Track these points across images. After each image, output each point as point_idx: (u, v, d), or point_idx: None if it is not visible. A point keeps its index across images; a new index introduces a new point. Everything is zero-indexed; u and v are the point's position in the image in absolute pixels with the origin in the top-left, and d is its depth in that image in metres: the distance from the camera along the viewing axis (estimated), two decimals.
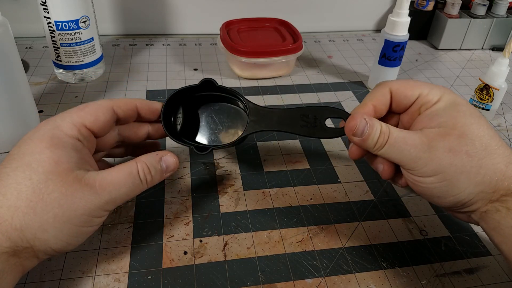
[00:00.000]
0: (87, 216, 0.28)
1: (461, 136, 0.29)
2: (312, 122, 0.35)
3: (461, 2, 0.71)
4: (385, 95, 0.34)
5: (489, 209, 0.29)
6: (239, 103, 0.40)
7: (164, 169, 0.32)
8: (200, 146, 0.36)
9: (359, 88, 0.61)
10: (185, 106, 0.40)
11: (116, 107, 0.33)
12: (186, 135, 0.39)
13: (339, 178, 0.43)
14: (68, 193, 0.27)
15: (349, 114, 0.34)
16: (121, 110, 0.34)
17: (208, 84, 0.38)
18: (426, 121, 0.31)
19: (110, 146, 0.36)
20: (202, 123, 0.40)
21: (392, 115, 0.35)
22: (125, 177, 0.29)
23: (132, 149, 0.39)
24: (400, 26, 0.54)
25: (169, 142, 0.47)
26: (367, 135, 0.31)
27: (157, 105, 0.36)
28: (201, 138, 0.40)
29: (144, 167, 0.31)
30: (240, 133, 0.38)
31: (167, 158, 0.32)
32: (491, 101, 0.52)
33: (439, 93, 0.32)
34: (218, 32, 0.63)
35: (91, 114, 0.31)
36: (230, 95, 0.40)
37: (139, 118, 0.36)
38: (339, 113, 0.35)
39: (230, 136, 0.40)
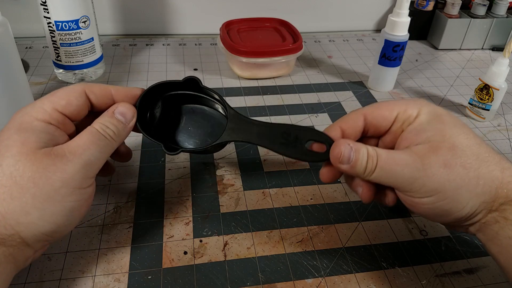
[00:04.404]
0: (66, 188, 0.27)
1: (452, 149, 0.28)
2: (292, 141, 0.33)
3: (461, 2, 0.71)
4: (357, 119, 0.32)
5: (488, 220, 0.28)
6: (221, 107, 0.38)
7: (122, 119, 0.32)
8: (170, 146, 0.34)
9: (359, 88, 0.61)
10: (165, 102, 0.38)
11: (88, 91, 0.32)
12: (160, 133, 0.37)
13: (339, 178, 0.43)
14: (40, 170, 0.26)
15: (332, 140, 0.31)
16: (94, 95, 0.32)
17: (192, 82, 0.36)
18: (411, 137, 0.30)
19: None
20: (180, 123, 0.38)
21: (369, 139, 0.34)
22: (89, 138, 0.29)
23: None
24: (400, 26, 0.54)
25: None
26: (355, 160, 0.29)
27: (136, 91, 0.34)
28: (175, 139, 0.38)
29: (101, 125, 0.30)
30: (216, 139, 0.35)
31: (119, 109, 0.32)
32: (491, 101, 0.52)
33: (417, 106, 0.31)
34: (218, 32, 0.63)
35: (62, 98, 0.30)
36: (213, 99, 0.38)
37: (117, 99, 0.34)
38: (322, 137, 0.32)
39: (206, 140, 0.38)
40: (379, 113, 0.32)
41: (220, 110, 0.38)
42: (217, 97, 0.37)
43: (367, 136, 0.34)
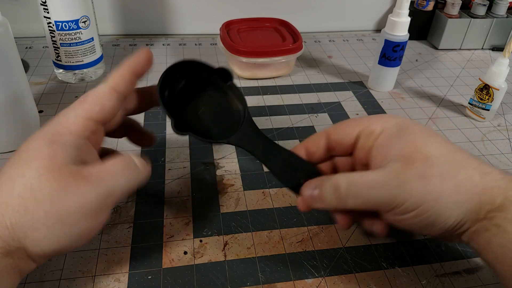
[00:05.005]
0: (80, 214, 0.26)
1: (426, 159, 0.27)
2: (292, 171, 0.33)
3: (461, 2, 0.71)
4: (319, 138, 0.33)
5: (477, 229, 0.27)
6: (241, 107, 0.37)
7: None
8: (180, 125, 0.33)
9: (359, 88, 0.61)
10: (189, 82, 0.36)
11: (116, 86, 0.30)
12: (174, 109, 0.35)
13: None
14: (60, 188, 0.25)
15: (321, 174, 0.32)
16: (123, 86, 0.30)
17: (223, 73, 0.36)
18: (383, 152, 0.29)
19: (117, 126, 0.33)
20: (195, 106, 0.37)
21: (342, 159, 0.34)
22: (121, 164, 0.28)
23: (125, 129, 0.36)
24: (400, 26, 0.54)
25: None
26: (321, 197, 0.29)
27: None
28: (186, 119, 0.36)
29: (136, 157, 0.29)
30: (224, 135, 0.35)
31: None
32: (491, 101, 0.52)
33: (381, 121, 0.30)
34: (218, 32, 0.63)
35: (95, 104, 0.29)
36: (236, 97, 0.37)
37: (139, 76, 0.32)
38: (316, 176, 0.32)
39: (213, 131, 0.36)
40: (341, 130, 0.32)
41: (239, 109, 0.37)
42: (240, 96, 0.36)
43: (338, 155, 0.34)
